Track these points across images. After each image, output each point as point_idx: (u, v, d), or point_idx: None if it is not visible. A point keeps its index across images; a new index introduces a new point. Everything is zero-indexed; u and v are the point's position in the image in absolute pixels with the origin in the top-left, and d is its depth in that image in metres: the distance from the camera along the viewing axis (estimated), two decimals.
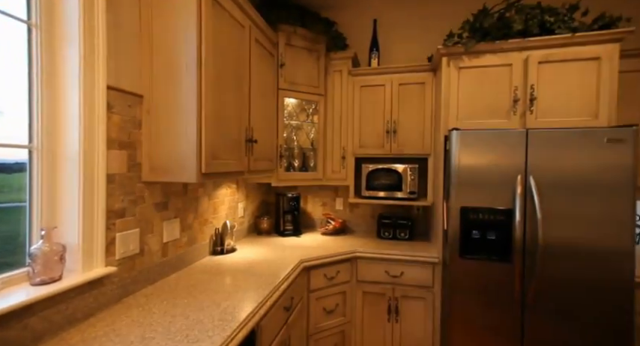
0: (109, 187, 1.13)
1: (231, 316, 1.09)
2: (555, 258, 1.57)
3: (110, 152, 1.14)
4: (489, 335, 1.66)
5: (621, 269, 1.49)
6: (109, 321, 1.04)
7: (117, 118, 1.17)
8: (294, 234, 2.36)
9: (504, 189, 1.65)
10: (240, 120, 1.59)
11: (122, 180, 1.20)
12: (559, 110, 1.72)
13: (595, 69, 1.66)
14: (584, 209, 1.54)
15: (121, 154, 1.20)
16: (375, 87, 2.27)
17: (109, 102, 1.12)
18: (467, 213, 1.69)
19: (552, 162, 1.58)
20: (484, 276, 1.67)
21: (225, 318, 1.08)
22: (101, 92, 1.08)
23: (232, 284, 1.39)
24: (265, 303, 1.25)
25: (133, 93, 1.23)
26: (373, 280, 1.98)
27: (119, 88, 1.17)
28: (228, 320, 1.07)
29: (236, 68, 1.52)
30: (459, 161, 1.70)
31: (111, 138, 1.14)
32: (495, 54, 1.80)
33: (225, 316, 1.09)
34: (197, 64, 1.20)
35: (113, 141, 1.16)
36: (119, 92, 1.17)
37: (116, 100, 1.16)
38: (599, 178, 1.52)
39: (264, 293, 1.29)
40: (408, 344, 1.95)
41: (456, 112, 1.87)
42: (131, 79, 1.23)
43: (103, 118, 1.09)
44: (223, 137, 1.41)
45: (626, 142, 1.48)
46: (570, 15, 1.71)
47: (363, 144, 2.29)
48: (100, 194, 1.09)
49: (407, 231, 2.24)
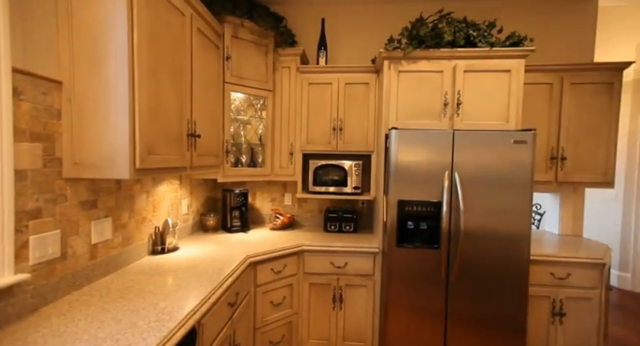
0: (18, 185, 1.01)
1: (170, 316, 1.07)
2: (473, 242, 1.80)
3: (19, 145, 1.01)
4: (421, 313, 1.86)
5: (521, 249, 1.78)
6: (21, 335, 0.93)
7: (27, 106, 1.04)
8: (241, 230, 2.34)
9: (435, 184, 1.83)
10: (182, 113, 1.52)
11: (36, 177, 1.08)
12: (479, 114, 1.96)
13: (507, 80, 1.93)
14: (496, 200, 1.79)
15: (34, 147, 1.07)
16: (322, 85, 2.33)
17: (16, 87, 0.99)
18: (403, 206, 1.85)
19: (472, 159, 1.80)
20: (417, 262, 1.85)
21: (162, 319, 1.04)
22: (4, 75, 0.94)
23: (173, 284, 1.34)
24: (207, 300, 1.23)
25: (48, 78, 1.10)
26: (319, 272, 2.06)
27: (29, 72, 1.04)
28: (166, 320, 1.04)
29: (175, 58, 1.45)
30: (397, 158, 1.85)
31: (20, 128, 1.01)
32: (429, 61, 1.98)
33: (163, 316, 1.06)
34: (129, 51, 1.12)
35: (23, 133, 1.02)
36: (30, 76, 1.04)
37: (26, 86, 1.03)
38: (507, 174, 1.78)
39: (206, 291, 1.27)
40: (352, 328, 2.07)
41: (395, 112, 2.01)
42: (46, 63, 1.10)
43: (8, 105, 0.95)
44: (161, 131, 1.34)
45: (528, 144, 1.75)
46: (489, 31, 1.95)
47: (311, 140, 2.35)
48: (5, 192, 0.96)
49: (352, 224, 2.36)
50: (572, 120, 2.16)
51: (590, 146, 2.17)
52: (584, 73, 2.13)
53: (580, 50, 2.42)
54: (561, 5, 2.43)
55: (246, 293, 1.71)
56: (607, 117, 2.14)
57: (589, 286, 1.92)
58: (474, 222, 1.80)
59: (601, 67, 2.11)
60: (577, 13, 2.42)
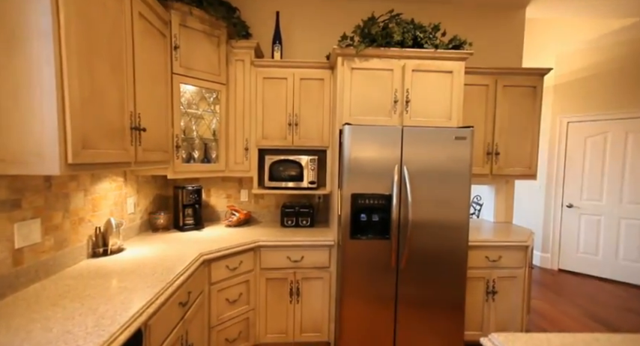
0: None
1: (111, 320, 1.01)
2: (420, 232, 1.94)
3: None
4: (373, 300, 1.96)
5: (461, 236, 1.96)
6: None
7: None
8: (195, 228, 2.25)
9: (385, 178, 1.93)
10: (123, 104, 1.42)
11: None
12: (426, 111, 2.10)
13: (449, 80, 2.09)
14: (439, 192, 1.94)
15: None
16: (277, 80, 2.31)
17: None
18: (357, 199, 1.93)
19: (420, 154, 1.93)
20: (370, 252, 1.95)
21: (103, 323, 0.98)
22: None
23: (116, 287, 1.26)
24: (155, 301, 1.18)
25: None
26: (276, 266, 2.07)
27: None
28: (107, 324, 0.98)
29: (114, 44, 1.34)
30: (351, 153, 1.92)
31: None
32: (381, 59, 2.07)
33: (103, 321, 1.00)
34: (54, 31, 1.01)
35: None
36: None
37: None
38: (449, 168, 1.94)
39: (154, 292, 1.22)
40: (308, 320, 2.12)
41: (349, 108, 2.08)
42: None
43: None
44: (99, 123, 1.24)
45: (467, 140, 1.93)
46: (434, 34, 2.09)
47: (267, 135, 2.33)
48: None
49: (308, 218, 2.40)
50: (505, 119, 2.42)
51: (518, 142, 2.44)
52: (513, 76, 2.39)
53: (511, 56, 2.70)
54: (495, 15, 2.68)
55: (199, 291, 1.67)
56: (531, 116, 2.43)
57: (516, 266, 2.18)
58: (420, 213, 1.94)
59: (527, 71, 2.38)
60: (508, 23, 2.69)
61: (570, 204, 3.76)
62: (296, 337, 2.12)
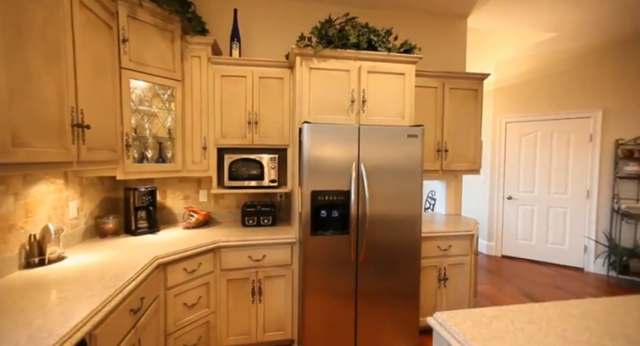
0: None
1: (48, 333, 0.93)
2: (377, 226, 2.04)
3: None
4: (334, 294, 2.02)
5: (414, 229, 2.09)
6: None
7: None
8: (150, 231, 2.13)
9: (344, 175, 2.00)
10: (63, 99, 1.31)
11: None
12: (381, 111, 2.21)
13: (402, 82, 2.22)
14: (394, 187, 2.06)
15: None
16: (236, 78, 2.28)
17: None
18: (316, 196, 1.97)
19: (375, 152, 2.03)
20: (330, 247, 2.00)
21: (38, 337, 0.90)
22: None
23: (55, 298, 1.16)
24: (102, 309, 1.11)
25: None
26: (237, 267, 2.04)
27: None
28: (43, 338, 0.90)
29: (50, 34, 1.23)
30: (310, 150, 1.95)
31: None
32: (338, 60, 2.13)
33: (40, 334, 0.92)
34: None
35: None
36: None
37: None
38: (402, 164, 2.06)
39: (101, 299, 1.14)
40: (272, 319, 2.12)
41: (308, 107, 2.11)
42: None
43: None
44: (32, 118, 1.13)
45: (418, 137, 2.06)
46: (387, 38, 2.20)
47: (226, 134, 2.28)
48: None
49: (270, 217, 2.39)
50: (452, 119, 2.63)
51: (463, 140, 2.66)
52: (458, 80, 2.60)
53: (456, 61, 2.94)
54: (440, 23, 2.90)
55: (154, 297, 1.59)
56: (474, 117, 2.67)
57: (463, 254, 2.38)
58: (377, 208, 2.04)
59: (469, 76, 2.61)
60: (452, 31, 2.93)
61: (510, 196, 4.18)
62: (259, 337, 2.10)
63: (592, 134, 3.62)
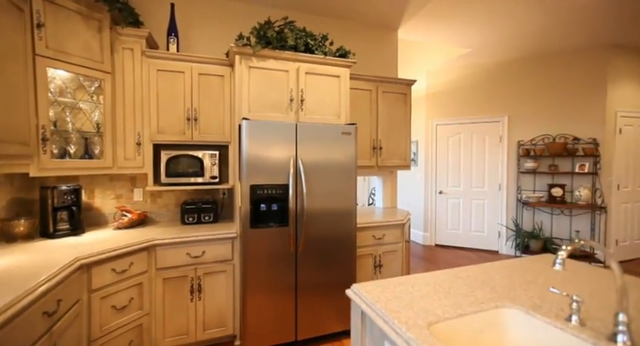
0: None
1: None
2: (315, 219, 2.16)
3: None
4: (276, 286, 2.08)
5: (350, 220, 2.26)
6: None
7: None
8: (73, 233, 1.98)
9: (283, 170, 2.09)
10: None
11: None
12: (319, 110, 2.34)
13: (337, 84, 2.39)
14: (331, 181, 2.20)
15: None
16: (174, 74, 2.23)
17: None
18: (256, 190, 2.02)
19: (313, 148, 2.16)
20: (270, 240, 2.07)
21: None
22: None
23: None
24: (6, 311, 1.03)
25: None
26: (175, 265, 1.99)
27: None
28: None
29: None
30: (249, 146, 2.00)
31: None
32: (277, 60, 2.22)
33: None
34: None
35: None
36: None
37: None
38: (338, 160, 2.22)
39: (5, 301, 1.06)
40: (212, 315, 2.11)
41: (247, 105, 2.16)
42: None
43: None
44: None
45: (352, 135, 2.24)
46: (323, 42, 2.36)
47: (163, 130, 2.22)
48: None
49: (211, 214, 2.38)
50: (385, 119, 2.88)
51: (396, 139, 2.94)
52: (390, 84, 2.87)
53: (388, 67, 3.23)
54: (374, 33, 3.17)
55: (75, 300, 1.49)
56: (404, 118, 2.96)
57: (396, 241, 2.62)
58: (315, 202, 2.16)
59: (399, 81, 2.90)
60: (385, 40, 3.22)
61: (441, 191, 4.66)
62: (199, 336, 2.08)
63: (501, 136, 4.24)
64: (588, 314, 0.94)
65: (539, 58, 4.02)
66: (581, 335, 0.83)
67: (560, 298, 1.05)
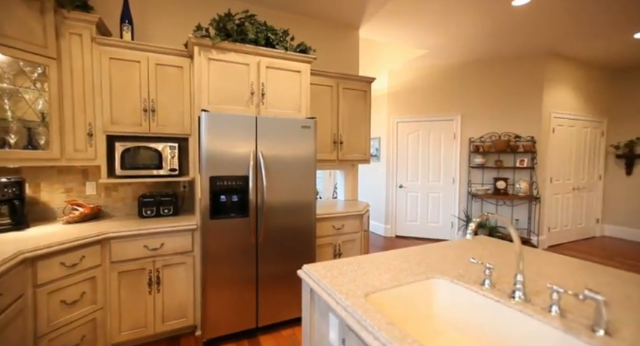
0: None
1: None
2: (275, 210, 2.23)
3: None
4: (237, 276, 2.12)
5: (309, 211, 2.34)
6: None
7: None
8: (15, 228, 1.86)
9: (243, 162, 2.12)
10: None
11: None
12: (280, 104, 2.40)
13: (298, 78, 2.45)
14: (290, 174, 2.27)
15: None
16: (129, 63, 2.16)
17: None
18: (215, 181, 2.04)
19: (273, 141, 2.21)
20: (231, 230, 2.10)
21: None
22: None
23: None
24: None
25: None
26: (131, 258, 1.96)
27: None
28: None
29: None
30: (208, 138, 2.01)
31: None
32: (237, 53, 2.24)
33: None
34: None
35: None
36: None
37: None
38: (297, 153, 2.29)
39: None
40: (172, 307, 2.10)
41: (207, 97, 2.16)
42: None
43: None
44: None
45: (311, 128, 2.33)
46: (285, 37, 2.41)
47: (117, 121, 2.14)
48: None
49: (171, 207, 2.35)
50: (345, 115, 3.00)
51: (356, 134, 3.08)
52: (350, 81, 2.99)
53: (349, 65, 3.36)
54: (336, 31, 3.27)
55: (17, 295, 1.43)
56: (364, 114, 3.11)
57: (355, 231, 2.76)
58: (275, 193, 2.22)
59: (359, 78, 3.03)
60: (347, 39, 3.34)
61: (401, 185, 4.92)
62: (158, 328, 2.06)
63: (455, 133, 4.57)
64: (499, 279, 1.11)
65: (487, 62, 4.38)
66: (490, 295, 0.99)
67: (480, 268, 1.22)
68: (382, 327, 0.78)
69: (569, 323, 0.81)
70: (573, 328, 0.79)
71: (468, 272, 1.18)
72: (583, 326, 0.79)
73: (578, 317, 0.84)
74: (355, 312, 0.87)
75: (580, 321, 0.82)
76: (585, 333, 0.76)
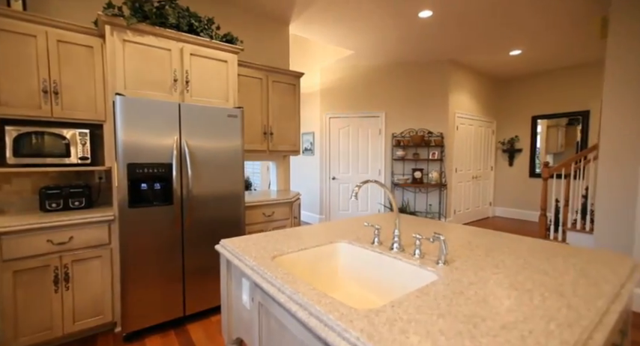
0: None
1: None
2: (202, 199, 2.23)
3: None
4: (161, 266, 2.08)
5: (238, 201, 2.40)
6: None
7: None
8: None
9: (165, 149, 2.07)
10: None
11: None
12: (207, 93, 2.39)
13: (225, 68, 2.47)
14: (217, 164, 2.30)
15: None
16: (21, 36, 1.92)
17: None
18: (134, 169, 1.96)
19: (199, 129, 2.20)
20: (154, 220, 2.04)
21: None
22: None
23: None
24: None
25: None
26: (31, 254, 1.77)
27: None
28: None
29: None
30: (125, 124, 1.92)
31: None
32: (157, 37, 2.16)
33: None
34: None
35: None
36: None
37: None
38: (225, 142, 2.32)
39: None
40: (85, 305, 1.96)
41: (123, 81, 2.05)
42: None
43: None
44: None
45: (238, 117, 2.38)
46: (209, 25, 2.40)
47: (7, 102, 1.89)
48: None
49: (83, 199, 2.16)
50: (276, 107, 3.11)
51: (286, 126, 3.21)
52: (280, 74, 3.11)
53: (280, 59, 3.47)
54: (266, 26, 3.35)
55: None
56: (293, 107, 3.25)
57: (284, 218, 2.89)
58: (202, 182, 2.22)
59: (288, 72, 3.16)
60: (277, 34, 3.44)
61: (334, 177, 5.23)
62: (68, 328, 1.90)
63: (380, 129, 5.04)
64: (386, 238, 1.36)
65: (404, 65, 4.93)
66: (376, 249, 1.21)
67: (372, 230, 1.45)
68: (280, 277, 0.92)
69: (425, 260, 1.06)
70: (425, 263, 1.04)
71: (365, 235, 1.41)
72: (432, 261, 1.05)
73: (432, 257, 1.10)
74: (260, 269, 1.00)
75: (432, 259, 1.08)
76: (431, 265, 1.02)
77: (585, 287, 0.88)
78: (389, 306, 0.76)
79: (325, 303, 0.76)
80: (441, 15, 3.29)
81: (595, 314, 0.74)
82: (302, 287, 0.85)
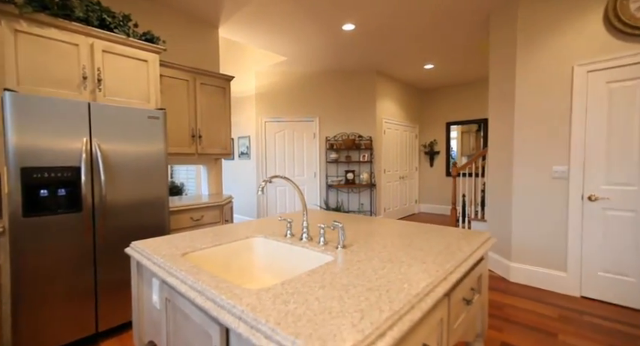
0: None
1: None
2: (119, 207, 2.09)
3: None
4: (69, 282, 1.88)
5: (161, 207, 2.30)
6: None
7: None
8: None
9: (72, 152, 1.90)
10: None
11: None
12: (123, 92, 2.25)
13: (146, 68, 2.37)
14: (137, 168, 2.18)
15: None
16: None
17: None
18: (31, 173, 1.76)
19: (114, 131, 2.07)
20: (57, 230, 1.85)
21: None
22: None
23: None
24: None
25: None
26: None
27: None
28: None
29: None
30: (17, 123, 1.72)
31: None
32: (61, 31, 1.98)
33: None
34: None
35: None
36: None
37: None
38: (145, 145, 2.22)
39: None
40: None
41: (15, 77, 1.83)
42: None
43: None
44: None
45: (160, 119, 2.29)
46: (125, 22, 2.28)
47: None
48: None
49: None
50: (204, 109, 3.05)
51: (216, 128, 3.17)
52: (208, 77, 3.07)
53: (209, 61, 3.42)
54: (194, 28, 3.28)
55: None
56: (223, 110, 3.23)
57: (214, 221, 2.86)
58: (118, 187, 2.09)
59: (217, 75, 3.14)
60: (206, 36, 3.39)
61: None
62: None
63: (315, 133, 5.26)
64: (298, 230, 1.48)
65: (335, 73, 5.24)
66: (288, 241, 1.32)
67: (285, 224, 1.57)
68: (185, 270, 0.96)
69: (328, 247, 1.21)
70: (328, 249, 1.18)
71: (280, 229, 1.51)
72: (333, 246, 1.20)
73: (334, 243, 1.25)
74: (167, 265, 1.02)
75: (333, 245, 1.22)
76: (332, 250, 1.16)
77: (444, 255, 1.11)
78: (279, 284, 0.86)
79: (222, 288, 0.83)
80: (362, 29, 3.62)
81: (442, 273, 0.95)
82: (204, 276, 0.91)
